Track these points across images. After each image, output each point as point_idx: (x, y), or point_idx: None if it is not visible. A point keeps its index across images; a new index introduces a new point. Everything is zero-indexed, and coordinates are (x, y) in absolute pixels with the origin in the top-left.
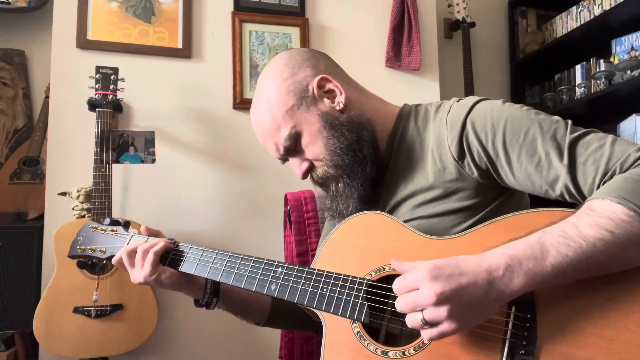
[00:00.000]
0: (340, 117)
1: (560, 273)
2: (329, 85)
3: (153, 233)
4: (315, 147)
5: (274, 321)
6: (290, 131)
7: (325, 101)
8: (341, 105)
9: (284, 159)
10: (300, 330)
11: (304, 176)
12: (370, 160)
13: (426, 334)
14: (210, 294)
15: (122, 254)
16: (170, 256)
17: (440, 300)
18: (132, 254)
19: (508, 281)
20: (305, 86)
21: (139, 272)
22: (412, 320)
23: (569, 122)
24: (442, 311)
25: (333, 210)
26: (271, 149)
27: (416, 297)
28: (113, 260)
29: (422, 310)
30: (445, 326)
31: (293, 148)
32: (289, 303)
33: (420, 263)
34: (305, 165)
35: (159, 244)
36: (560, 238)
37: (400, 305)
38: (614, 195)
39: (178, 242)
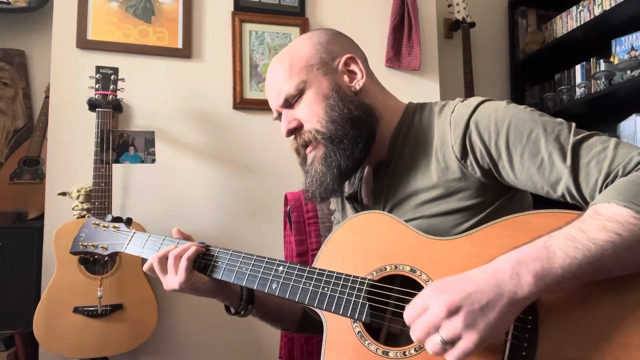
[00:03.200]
0: (352, 97)
1: (571, 276)
2: (354, 67)
3: (185, 237)
4: (316, 107)
5: (306, 327)
6: (299, 84)
7: (344, 77)
8: (357, 87)
9: (279, 112)
10: None
11: (288, 134)
12: (363, 143)
13: (450, 356)
14: (246, 300)
15: (153, 261)
16: (199, 260)
17: (452, 311)
18: (163, 260)
19: (516, 282)
20: (333, 57)
21: (173, 279)
22: (432, 345)
23: (573, 124)
24: (457, 322)
25: (307, 188)
26: (272, 98)
27: (427, 316)
28: (144, 268)
29: (437, 330)
30: (465, 341)
31: (292, 102)
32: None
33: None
34: (294, 123)
35: (191, 248)
36: (567, 242)
37: (414, 332)
38: (619, 199)
39: (209, 246)
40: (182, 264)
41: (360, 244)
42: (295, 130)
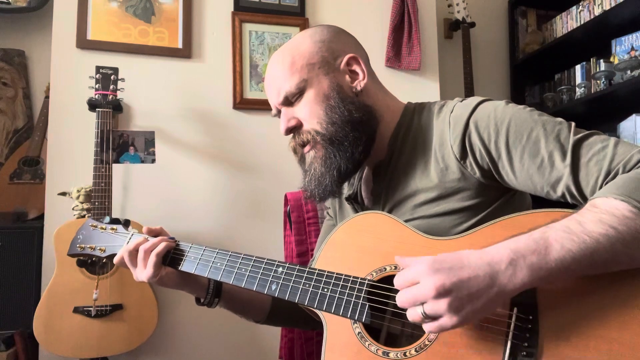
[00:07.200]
0: (353, 98)
1: (564, 268)
2: (356, 67)
3: (155, 233)
4: (316, 108)
5: (274, 319)
6: (300, 82)
7: (346, 77)
8: (358, 88)
9: (278, 110)
10: (301, 328)
11: (287, 132)
12: (363, 146)
13: (427, 327)
14: (213, 293)
15: (123, 254)
16: (170, 255)
17: (440, 293)
18: (133, 253)
19: (511, 275)
20: (335, 56)
21: (142, 273)
22: (413, 315)
23: (572, 123)
24: (442, 304)
25: (305, 187)
26: (272, 94)
27: (416, 290)
28: (114, 260)
29: (422, 304)
30: (445, 320)
31: (292, 100)
32: (289, 301)
33: (423, 257)
34: (293, 122)
35: (161, 244)
36: (564, 233)
37: (400, 299)
38: (617, 193)
39: (179, 241)
40: (151, 259)
41: (360, 244)
42: (294, 129)
